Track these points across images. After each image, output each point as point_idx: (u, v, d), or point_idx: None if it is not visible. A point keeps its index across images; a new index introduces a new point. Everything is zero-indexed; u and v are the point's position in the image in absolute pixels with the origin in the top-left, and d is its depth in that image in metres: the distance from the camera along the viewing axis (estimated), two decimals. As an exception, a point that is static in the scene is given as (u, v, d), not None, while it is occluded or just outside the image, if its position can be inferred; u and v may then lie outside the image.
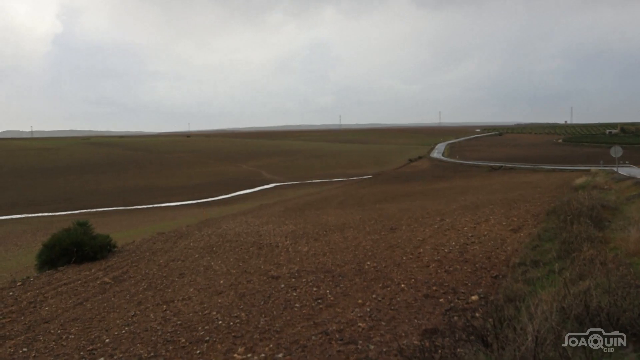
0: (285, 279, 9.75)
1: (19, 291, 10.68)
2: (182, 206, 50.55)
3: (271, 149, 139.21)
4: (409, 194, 34.48)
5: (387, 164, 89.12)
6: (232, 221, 22.00)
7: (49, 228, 31.76)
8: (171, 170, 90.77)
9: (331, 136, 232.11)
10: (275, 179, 74.93)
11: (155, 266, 12.50)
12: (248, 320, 7.29)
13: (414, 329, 6.18)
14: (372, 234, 14.67)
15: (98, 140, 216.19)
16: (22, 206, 54.32)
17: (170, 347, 6.47)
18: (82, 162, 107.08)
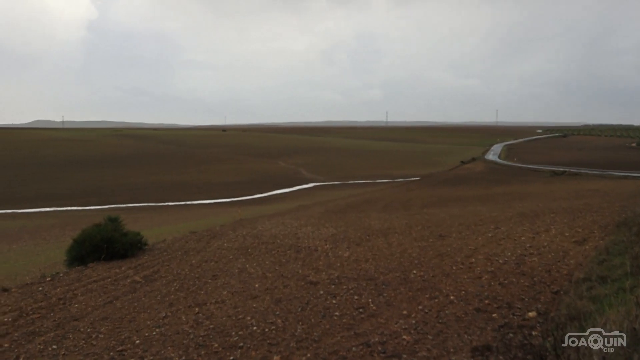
0: (325, 285, 9.78)
1: (49, 287, 11.02)
2: (216, 204, 51.27)
3: (312, 146, 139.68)
4: (460, 198, 34.06)
5: (436, 166, 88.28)
6: (268, 222, 22.19)
7: (78, 223, 32.73)
8: (205, 166, 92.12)
9: (377, 134, 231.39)
10: (315, 179, 75.16)
11: (187, 266, 12.72)
12: (284, 328, 7.35)
13: (463, 344, 6.11)
14: (419, 240, 14.56)
15: (130, 132, 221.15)
16: (51, 199, 56.07)
17: (202, 352, 6.58)
18: (114, 155, 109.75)
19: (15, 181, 71.97)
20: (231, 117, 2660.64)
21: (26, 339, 7.48)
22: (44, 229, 31.94)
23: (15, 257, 19.88)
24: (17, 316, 8.66)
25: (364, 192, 48.23)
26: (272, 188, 64.03)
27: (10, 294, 10.51)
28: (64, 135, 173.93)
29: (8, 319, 8.49)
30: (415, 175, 73.32)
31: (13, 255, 20.71)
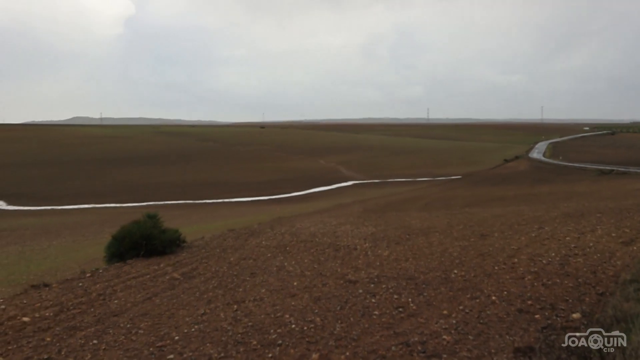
0: (364, 284, 9.84)
1: (89, 283, 11.34)
2: (254, 202, 51.76)
3: (351, 143, 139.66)
4: (503, 197, 33.64)
5: (479, 164, 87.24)
6: (306, 220, 22.34)
7: (116, 220, 33.50)
8: (243, 164, 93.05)
9: (418, 131, 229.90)
10: (354, 177, 75.19)
11: (225, 264, 12.93)
12: (323, 326, 7.44)
13: (505, 345, 6.10)
14: (461, 240, 14.48)
15: (168, 129, 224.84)
16: (90, 196, 57.51)
17: (241, 349, 6.72)
18: (152, 152, 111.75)
19: (55, 178, 74.02)
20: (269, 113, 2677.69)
21: (67, 333, 7.73)
22: (82, 226, 32.82)
23: (55, 253, 20.50)
24: (58, 311, 8.94)
25: (404, 191, 48.07)
26: (311, 186, 64.31)
27: (51, 289, 10.86)
28: (102, 133, 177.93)
29: (50, 313, 8.78)
30: (456, 173, 72.64)
31: (53, 251, 21.35)
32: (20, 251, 21.65)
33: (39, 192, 62.09)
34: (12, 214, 45.72)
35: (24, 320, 8.29)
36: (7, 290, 12.77)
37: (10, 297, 10.40)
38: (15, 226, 32.81)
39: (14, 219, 38.61)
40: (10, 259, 19.52)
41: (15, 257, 19.83)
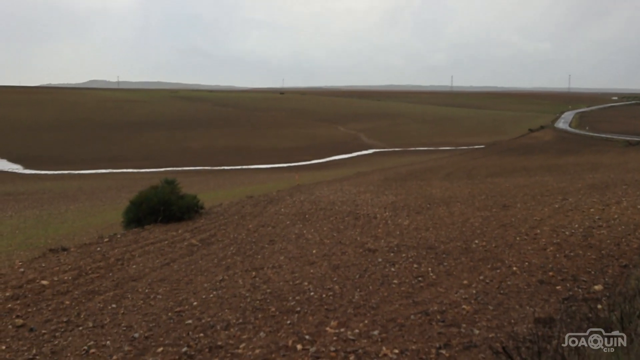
0: (383, 253, 9.91)
1: (107, 247, 11.54)
2: (273, 169, 51.93)
3: (372, 110, 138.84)
4: (526, 168, 33.39)
5: (503, 133, 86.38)
6: (326, 188, 22.41)
7: (134, 185, 33.88)
8: (262, 130, 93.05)
9: (441, 99, 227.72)
10: (375, 145, 74.94)
11: (244, 231, 13.07)
12: (342, 294, 7.53)
13: (525, 316, 6.14)
14: (482, 210, 14.47)
15: (186, 94, 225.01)
16: (107, 161, 57.98)
17: (260, 315, 6.83)
18: (170, 117, 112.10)
19: (72, 142, 74.77)
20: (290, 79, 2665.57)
21: (86, 297, 7.91)
22: (100, 191, 33.25)
23: (73, 218, 20.83)
24: (76, 275, 9.13)
25: (426, 160, 47.86)
26: (331, 154, 64.26)
27: (69, 254, 11.07)
28: (119, 96, 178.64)
29: (68, 277, 8.97)
30: (480, 143, 72.05)
31: (71, 215, 21.69)
32: (38, 215, 22.03)
33: (56, 156, 62.83)
34: (29, 177, 46.41)
35: (43, 284, 8.49)
36: (26, 254, 13.05)
37: (29, 261, 10.64)
38: (33, 190, 33.34)
39: (32, 183, 39.19)
40: (28, 222, 19.89)
41: (33, 221, 20.19)
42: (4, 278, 8.99)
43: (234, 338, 6.12)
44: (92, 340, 6.22)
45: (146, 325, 6.63)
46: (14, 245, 15.02)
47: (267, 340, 6.01)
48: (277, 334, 6.19)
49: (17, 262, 10.72)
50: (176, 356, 5.68)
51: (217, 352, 5.74)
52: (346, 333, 6.05)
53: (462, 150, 61.97)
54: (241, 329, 6.39)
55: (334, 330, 6.15)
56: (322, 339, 5.93)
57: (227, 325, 6.55)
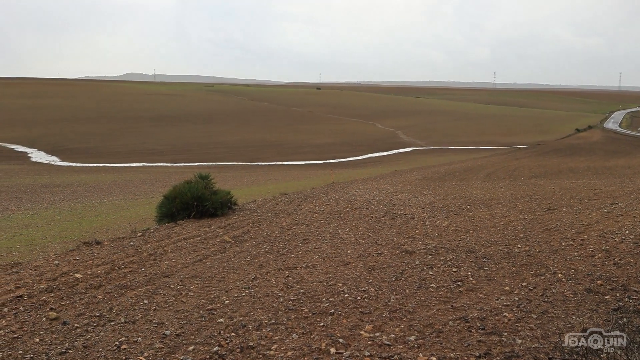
0: (421, 255, 9.80)
1: (139, 242, 11.68)
2: (308, 166, 52.01)
3: (411, 107, 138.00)
4: (573, 170, 32.72)
5: (548, 133, 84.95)
6: (362, 186, 22.33)
7: (167, 179, 34.32)
8: (297, 126, 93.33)
9: (483, 96, 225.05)
10: (413, 142, 74.48)
11: (277, 228, 13.08)
12: (377, 297, 7.46)
13: (571, 326, 5.98)
14: (525, 213, 14.21)
15: (222, 87, 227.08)
16: (142, 154, 58.85)
17: (292, 316, 6.81)
18: (205, 111, 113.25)
19: (107, 135, 76.13)
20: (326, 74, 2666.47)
21: (118, 292, 8.00)
22: (134, 184, 33.72)
23: (106, 211, 21.17)
24: (109, 269, 9.25)
25: (465, 159, 47.35)
26: (367, 151, 64.07)
27: (102, 247, 11.24)
28: (155, 89, 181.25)
29: (101, 271, 9.09)
30: (523, 142, 70.97)
31: (104, 209, 22.04)
32: (73, 208, 22.45)
33: (92, 148, 64.04)
34: (65, 170, 47.37)
35: (76, 277, 8.62)
36: (60, 246, 13.30)
37: (63, 253, 10.83)
38: (68, 182, 34.01)
39: (67, 175, 40.00)
40: (63, 215, 20.28)
41: (68, 213, 20.58)
42: (39, 270, 9.17)
43: (266, 339, 6.11)
44: (123, 336, 6.28)
45: (177, 323, 6.67)
46: (49, 237, 15.33)
47: (299, 342, 5.98)
48: (310, 336, 6.16)
49: (51, 255, 10.93)
50: (207, 355, 5.69)
51: (249, 353, 5.73)
52: (381, 337, 5.97)
53: (504, 149, 61.13)
54: (273, 330, 6.37)
55: (368, 334, 6.09)
56: (356, 343, 5.87)
57: (259, 325, 6.54)
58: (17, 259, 11.49)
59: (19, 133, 77.10)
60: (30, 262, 10.00)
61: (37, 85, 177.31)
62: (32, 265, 9.67)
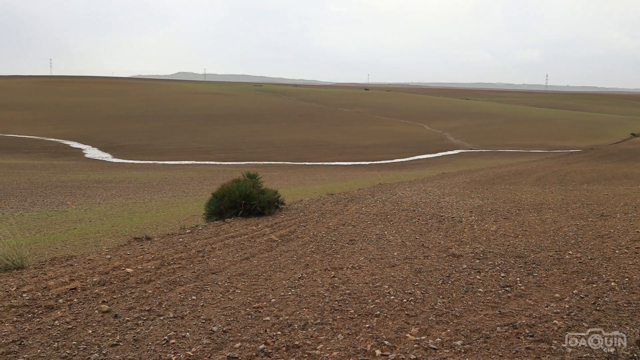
0: (468, 259, 9.69)
1: (188, 239, 11.88)
2: (354, 166, 51.99)
3: (460, 109, 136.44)
4: (627, 175, 31.80)
5: (602, 137, 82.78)
6: (408, 188, 22.20)
7: (215, 177, 34.77)
8: (345, 126, 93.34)
9: (534, 99, 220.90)
10: (461, 145, 73.63)
11: (324, 229, 13.12)
12: (423, 299, 7.41)
13: (625, 336, 5.82)
14: (577, 219, 13.89)
15: (270, 87, 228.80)
16: (190, 152, 59.76)
17: (338, 317, 6.82)
18: (253, 111, 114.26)
19: (158, 133, 77.57)
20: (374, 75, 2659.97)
21: (167, 287, 8.14)
22: (183, 182, 34.28)
23: (156, 208, 21.59)
24: (159, 265, 9.44)
25: (515, 163, 46.54)
26: (414, 153, 63.59)
27: (152, 243, 11.48)
28: (205, 89, 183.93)
29: (151, 266, 9.28)
30: (575, 147, 69.33)
31: (154, 205, 22.48)
32: (124, 203, 22.97)
33: (143, 146, 65.36)
34: (117, 166, 48.48)
35: (127, 271, 8.82)
36: (112, 241, 13.64)
37: (115, 248, 11.11)
38: (120, 179, 34.80)
39: (119, 172, 40.93)
40: (115, 210, 20.77)
41: (119, 209, 21.07)
42: (92, 264, 9.43)
43: (312, 338, 6.13)
44: (172, 330, 6.39)
45: (224, 319, 6.75)
46: (101, 231, 15.73)
47: (345, 342, 5.99)
48: (356, 337, 6.16)
49: (104, 249, 11.24)
50: (253, 353, 5.74)
51: (294, 352, 5.77)
52: (427, 341, 5.93)
53: (556, 153, 59.83)
54: (319, 330, 6.40)
55: (414, 337, 6.06)
56: (402, 346, 5.85)
57: (305, 324, 6.57)
58: (71, 252, 11.84)
59: (74, 130, 79.33)
60: (83, 256, 10.30)
61: (91, 84, 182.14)
62: (86, 258, 9.96)
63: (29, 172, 37.25)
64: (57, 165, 44.74)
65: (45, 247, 13.59)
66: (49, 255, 12.02)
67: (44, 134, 75.17)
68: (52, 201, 23.48)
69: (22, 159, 50.70)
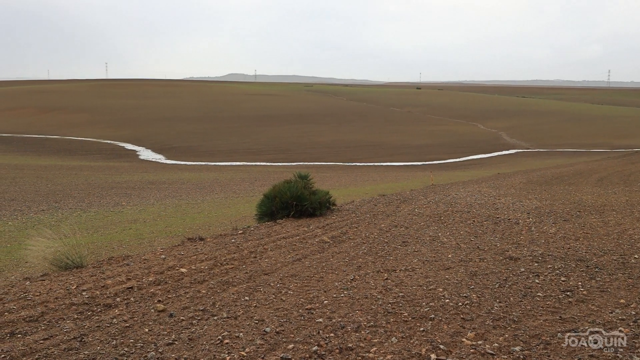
0: (526, 263, 9.50)
1: (240, 239, 12.02)
2: (406, 167, 51.69)
3: (516, 107, 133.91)
4: (697, 175, 30.60)
5: (668, 135, 79.96)
6: (462, 189, 21.91)
7: (267, 178, 35.08)
8: (396, 126, 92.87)
9: (595, 96, 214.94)
10: (518, 144, 72.30)
11: (376, 230, 13.08)
12: (479, 303, 7.30)
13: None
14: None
15: (321, 87, 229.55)
16: (242, 153, 60.46)
17: (391, 319, 6.79)
18: (303, 111, 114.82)
19: (209, 134, 78.79)
20: (427, 73, 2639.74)
21: (221, 287, 8.26)
22: (234, 183, 34.71)
23: (208, 208, 21.93)
24: (212, 265, 9.59)
25: (575, 162, 45.38)
26: (468, 153, 62.77)
27: (205, 243, 11.66)
28: (256, 89, 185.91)
29: (205, 266, 9.44)
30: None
31: (206, 206, 22.84)
32: (177, 204, 23.41)
33: (195, 147, 66.49)
34: (170, 167, 49.47)
35: (182, 271, 9.00)
36: (166, 241, 13.94)
37: (169, 248, 11.35)
38: (173, 180, 35.48)
39: (172, 173, 41.75)
40: (168, 211, 21.20)
41: (172, 210, 21.49)
42: (147, 263, 9.66)
43: (365, 341, 6.13)
44: (226, 330, 6.49)
45: (277, 321, 6.81)
46: (156, 232, 16.10)
47: (399, 346, 5.96)
48: (410, 340, 6.12)
49: (158, 249, 11.50)
50: (306, 354, 5.77)
51: (348, 354, 5.77)
52: (484, 346, 5.85)
53: (619, 153, 58.06)
54: (372, 332, 6.38)
55: (470, 342, 5.98)
56: (457, 350, 5.78)
57: (358, 327, 6.56)
58: (127, 252, 12.17)
59: (128, 132, 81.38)
60: (139, 255, 10.55)
61: (145, 87, 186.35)
62: (141, 258, 10.21)
63: (86, 174, 38.41)
64: (113, 167, 46.00)
65: (103, 246, 14.00)
66: (106, 254, 12.40)
67: (100, 136, 77.46)
68: (108, 202, 24.14)
69: (79, 161, 52.36)
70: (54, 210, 21.26)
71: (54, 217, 19.29)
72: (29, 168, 41.45)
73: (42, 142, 71.43)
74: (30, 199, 24.60)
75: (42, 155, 57.88)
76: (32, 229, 15.78)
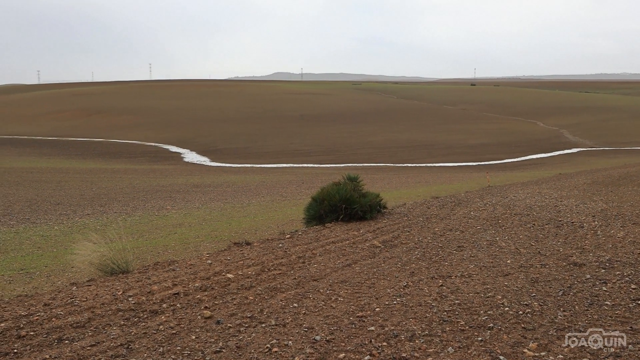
0: (592, 269, 9.26)
1: (288, 244, 12.07)
2: (460, 167, 51.20)
3: (578, 104, 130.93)
4: None
5: None
6: (521, 191, 21.53)
7: (314, 180, 35.20)
8: (449, 125, 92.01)
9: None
10: (581, 143, 70.70)
11: (429, 234, 12.96)
12: (542, 312, 7.15)
13: None
14: None
15: (369, 85, 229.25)
16: (288, 155, 60.87)
17: (447, 328, 6.71)
18: (352, 110, 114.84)
19: (255, 135, 79.55)
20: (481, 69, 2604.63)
21: (269, 293, 8.31)
22: (281, 185, 34.94)
23: (254, 212, 22.12)
24: (259, 270, 9.65)
25: (644, 162, 44.12)
26: (527, 152, 61.70)
27: (252, 248, 11.76)
28: (302, 89, 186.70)
29: (252, 272, 9.51)
30: None
31: (252, 209, 23.04)
32: (222, 208, 23.69)
33: (240, 149, 67.21)
34: (214, 170, 50.13)
35: (228, 277, 9.09)
36: (212, 246, 14.11)
37: (215, 253, 11.49)
38: (218, 183, 35.94)
39: (217, 176, 42.30)
40: (213, 214, 21.47)
41: (218, 213, 21.76)
42: (193, 269, 9.80)
43: (419, 351, 6.06)
44: (274, 338, 6.51)
45: (327, 328, 6.81)
46: (201, 236, 16.33)
47: (455, 356, 5.88)
48: (467, 350, 6.03)
49: (204, 254, 11.65)
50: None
51: (402, 365, 5.72)
52: (548, 357, 5.72)
53: (692, 151, 56.21)
54: (427, 342, 6.32)
55: (532, 353, 5.85)
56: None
57: (412, 336, 6.51)
58: (172, 257, 12.37)
59: (173, 134, 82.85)
60: (185, 261, 10.71)
61: (189, 87, 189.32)
62: (187, 263, 10.36)
63: (130, 177, 39.29)
64: (157, 170, 46.90)
65: (148, 251, 14.28)
66: (151, 259, 12.63)
67: (144, 139, 79.18)
68: (153, 205, 24.61)
69: (124, 164, 53.60)
70: (99, 214, 21.82)
71: (99, 221, 19.80)
72: (74, 172, 42.69)
73: (86, 145, 73.49)
74: (75, 202, 25.32)
75: (87, 158, 59.49)
76: (78, 234, 16.22)
